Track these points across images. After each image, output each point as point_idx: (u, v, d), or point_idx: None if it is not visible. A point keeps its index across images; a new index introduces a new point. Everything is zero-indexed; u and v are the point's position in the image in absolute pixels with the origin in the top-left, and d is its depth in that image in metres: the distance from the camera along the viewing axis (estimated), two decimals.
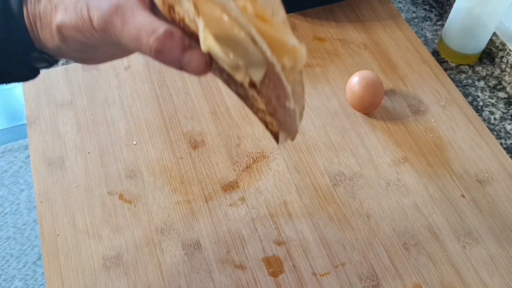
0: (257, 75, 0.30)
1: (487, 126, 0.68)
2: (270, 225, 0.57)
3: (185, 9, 0.29)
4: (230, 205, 0.58)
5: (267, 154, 0.63)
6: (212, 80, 0.70)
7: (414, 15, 0.83)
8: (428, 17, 0.83)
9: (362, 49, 0.75)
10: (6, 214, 1.52)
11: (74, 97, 0.67)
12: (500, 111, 0.71)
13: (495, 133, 0.68)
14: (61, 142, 0.63)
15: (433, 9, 0.84)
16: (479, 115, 0.69)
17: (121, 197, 0.59)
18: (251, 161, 0.62)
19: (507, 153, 0.65)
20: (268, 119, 0.34)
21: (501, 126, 0.69)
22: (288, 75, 0.32)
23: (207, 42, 0.28)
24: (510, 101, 0.72)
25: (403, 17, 0.80)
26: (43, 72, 0.70)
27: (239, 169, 0.61)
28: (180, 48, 0.30)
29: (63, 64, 0.72)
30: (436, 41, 0.79)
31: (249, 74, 0.30)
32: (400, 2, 0.84)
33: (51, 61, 0.36)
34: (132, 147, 0.63)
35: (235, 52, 0.29)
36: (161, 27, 0.30)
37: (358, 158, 0.63)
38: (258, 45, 0.28)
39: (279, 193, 0.59)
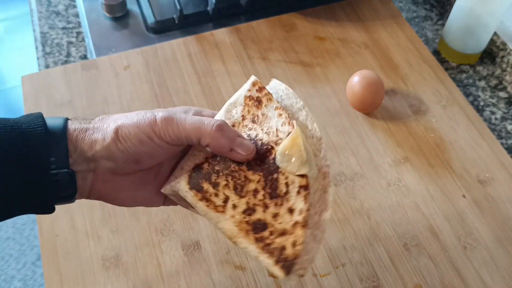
0: (312, 174, 0.39)
1: (488, 126, 0.67)
2: None
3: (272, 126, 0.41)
4: None
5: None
6: (211, 80, 0.69)
7: (414, 14, 0.83)
8: (429, 16, 0.82)
9: (362, 49, 0.74)
10: None
11: (73, 96, 0.67)
12: (501, 111, 0.70)
13: (496, 133, 0.68)
14: None
15: (434, 9, 0.83)
16: (480, 115, 0.69)
17: None
18: None
19: (508, 153, 0.65)
20: (292, 239, 0.37)
21: (502, 126, 0.69)
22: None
23: (298, 138, 0.39)
24: (511, 101, 0.72)
25: (404, 17, 0.79)
26: (42, 71, 0.70)
27: None
28: (234, 130, 0.40)
29: (62, 63, 0.72)
30: (437, 40, 0.79)
31: (310, 172, 0.38)
32: (400, 2, 0.84)
33: (72, 192, 0.38)
34: None
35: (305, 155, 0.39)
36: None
37: (358, 158, 0.63)
38: (318, 157, 0.40)
39: None
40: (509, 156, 0.64)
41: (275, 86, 0.44)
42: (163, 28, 0.76)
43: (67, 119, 0.39)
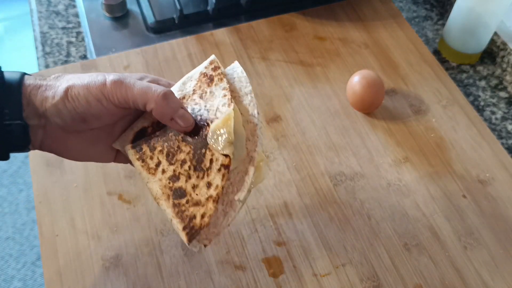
0: (238, 156, 0.41)
1: (488, 126, 0.67)
2: (270, 226, 0.57)
3: (216, 102, 0.43)
4: None
5: (267, 154, 0.62)
6: None
7: (415, 14, 0.83)
8: (429, 16, 0.82)
9: (362, 49, 0.74)
10: (5, 214, 1.52)
11: None
12: (501, 111, 0.70)
13: (496, 133, 0.68)
14: None
15: (434, 9, 0.83)
16: (480, 115, 0.69)
17: (120, 197, 0.58)
18: None
19: (508, 153, 0.65)
20: (202, 210, 0.41)
21: (502, 126, 0.69)
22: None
23: (230, 118, 0.41)
24: (511, 101, 0.72)
25: (404, 17, 0.79)
26: (42, 71, 0.69)
27: None
28: (179, 101, 0.43)
29: (62, 63, 0.72)
30: (437, 40, 0.79)
31: (234, 153, 0.41)
32: (401, 2, 0.84)
33: (25, 143, 0.41)
34: None
35: (234, 134, 0.41)
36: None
37: (358, 158, 0.63)
38: (248, 143, 0.42)
39: (279, 193, 0.59)
40: (509, 156, 0.64)
41: (233, 68, 0.46)
42: (163, 28, 0.76)
43: (24, 74, 0.41)
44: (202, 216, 0.40)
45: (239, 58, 0.72)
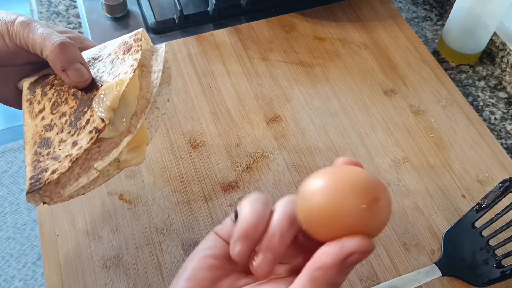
0: (118, 127, 0.40)
1: (488, 126, 0.68)
2: None
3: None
4: (230, 205, 0.58)
5: (267, 154, 0.63)
6: (211, 80, 0.70)
7: (414, 15, 0.83)
8: (429, 17, 0.83)
9: (362, 49, 0.75)
10: (6, 214, 1.52)
11: None
12: (501, 111, 0.71)
13: (496, 133, 0.68)
14: None
15: (434, 9, 0.84)
16: (479, 115, 0.69)
17: (121, 197, 0.58)
18: (251, 161, 0.62)
19: (508, 153, 0.65)
20: (56, 166, 0.39)
21: (502, 126, 0.69)
22: (122, 156, 0.41)
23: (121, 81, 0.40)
24: (511, 101, 0.72)
25: (404, 17, 0.80)
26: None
27: (239, 169, 0.61)
28: (79, 55, 0.42)
29: None
30: (436, 41, 0.79)
31: (112, 121, 0.40)
32: (400, 2, 0.84)
33: None
34: None
35: (121, 103, 0.40)
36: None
37: (358, 158, 0.63)
38: (133, 118, 0.40)
39: (279, 193, 0.59)
40: (508, 156, 0.64)
41: (158, 47, 0.45)
42: (164, 29, 0.76)
43: None
44: (53, 172, 0.39)
45: (239, 58, 0.72)
